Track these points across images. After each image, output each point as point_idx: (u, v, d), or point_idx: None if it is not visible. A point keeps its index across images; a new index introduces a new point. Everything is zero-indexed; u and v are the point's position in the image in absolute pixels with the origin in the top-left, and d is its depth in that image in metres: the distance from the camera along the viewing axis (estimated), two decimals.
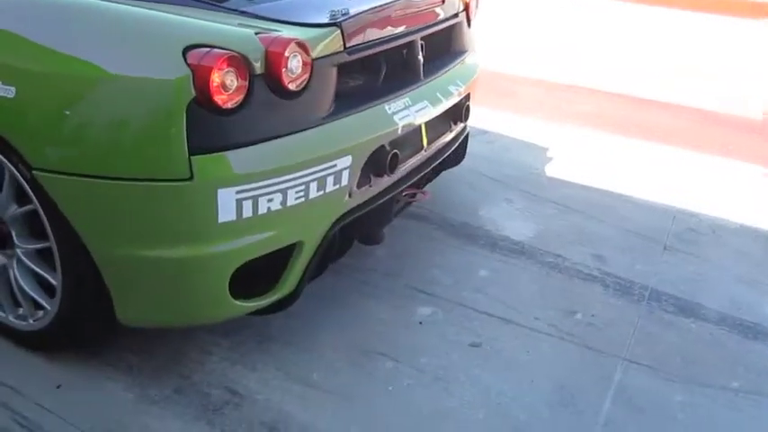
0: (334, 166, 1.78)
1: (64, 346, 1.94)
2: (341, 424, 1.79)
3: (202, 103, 1.51)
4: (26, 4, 1.65)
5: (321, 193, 1.78)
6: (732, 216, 3.00)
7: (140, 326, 1.82)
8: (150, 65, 1.52)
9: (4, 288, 1.92)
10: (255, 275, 1.78)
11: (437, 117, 2.27)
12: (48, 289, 1.83)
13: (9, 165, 1.68)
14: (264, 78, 1.60)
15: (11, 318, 1.92)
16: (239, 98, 1.56)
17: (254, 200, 1.63)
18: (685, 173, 3.45)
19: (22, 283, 1.85)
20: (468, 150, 2.84)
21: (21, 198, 1.74)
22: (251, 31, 1.64)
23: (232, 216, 1.61)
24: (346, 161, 1.81)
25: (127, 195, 1.57)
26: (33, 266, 1.81)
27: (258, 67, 1.59)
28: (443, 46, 2.42)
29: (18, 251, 1.83)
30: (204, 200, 1.57)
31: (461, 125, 2.52)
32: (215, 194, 1.57)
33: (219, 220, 1.60)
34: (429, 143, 2.26)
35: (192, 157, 1.53)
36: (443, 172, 2.73)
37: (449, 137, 2.44)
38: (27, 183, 1.66)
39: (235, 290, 1.73)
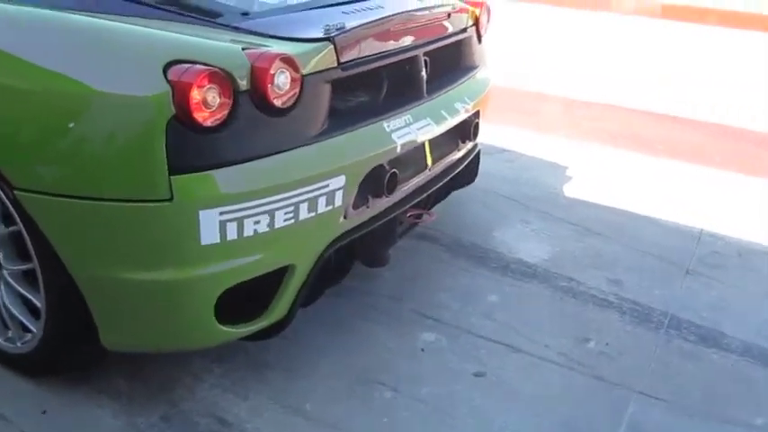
0: (326, 186, 1.71)
1: (52, 371, 1.89)
2: None
3: (183, 121, 1.45)
4: (7, 19, 1.62)
5: (312, 214, 1.70)
6: (759, 238, 2.84)
7: (125, 350, 1.76)
8: (131, 81, 1.47)
9: None
10: (244, 300, 1.71)
11: (442, 135, 2.19)
12: (34, 311, 1.78)
13: None
14: (250, 95, 1.54)
15: (0, 340, 1.89)
16: (222, 115, 1.50)
17: (239, 222, 1.56)
18: (711, 192, 3.30)
19: (8, 305, 1.81)
20: (485, 169, 2.73)
21: (7, 218, 1.70)
22: (238, 47, 1.58)
23: (215, 239, 1.55)
24: (339, 181, 1.73)
25: (107, 216, 1.52)
26: (19, 288, 1.77)
27: (243, 83, 1.53)
28: (450, 62, 2.34)
29: (5, 272, 1.79)
30: (185, 221, 1.51)
31: (470, 143, 2.43)
32: (196, 216, 1.50)
33: (202, 243, 1.54)
34: (434, 162, 2.17)
35: (171, 177, 1.47)
36: (454, 192, 2.65)
37: (456, 156, 2.35)
38: (10, 203, 1.62)
39: (222, 315, 1.66)
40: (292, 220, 1.66)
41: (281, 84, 1.57)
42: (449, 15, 2.20)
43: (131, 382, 1.91)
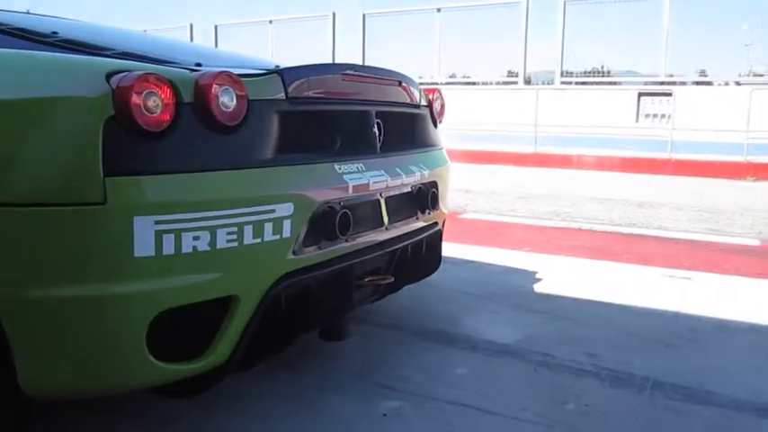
0: (273, 211, 1.64)
1: None
2: None
3: (122, 123, 1.42)
4: None
5: (258, 240, 1.62)
6: (738, 317, 2.75)
7: (48, 396, 1.55)
8: (71, 86, 1.46)
9: None
10: (182, 335, 1.56)
11: (399, 197, 2.17)
12: None
13: None
14: (194, 108, 1.53)
15: None
16: (165, 122, 1.47)
17: (177, 234, 1.47)
18: (682, 288, 3.23)
19: None
20: (450, 275, 2.66)
21: None
22: (185, 70, 1.60)
23: (150, 251, 1.45)
24: (287, 209, 1.67)
25: (32, 224, 1.41)
26: None
27: (187, 95, 1.52)
28: (405, 131, 2.37)
29: None
30: (119, 227, 1.42)
31: (430, 216, 2.39)
32: (131, 222, 1.42)
33: (136, 254, 1.44)
34: (390, 222, 2.13)
35: (106, 179, 1.41)
36: (418, 289, 2.56)
37: (414, 225, 2.31)
38: None
39: (156, 350, 1.51)
40: (236, 243, 1.57)
41: (226, 101, 1.57)
42: (399, 84, 2.28)
43: None
